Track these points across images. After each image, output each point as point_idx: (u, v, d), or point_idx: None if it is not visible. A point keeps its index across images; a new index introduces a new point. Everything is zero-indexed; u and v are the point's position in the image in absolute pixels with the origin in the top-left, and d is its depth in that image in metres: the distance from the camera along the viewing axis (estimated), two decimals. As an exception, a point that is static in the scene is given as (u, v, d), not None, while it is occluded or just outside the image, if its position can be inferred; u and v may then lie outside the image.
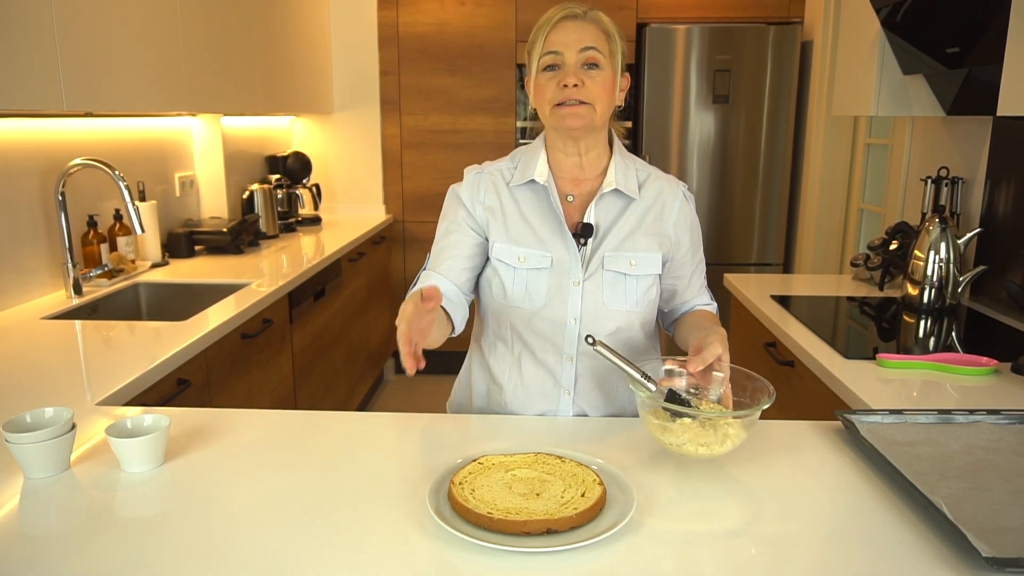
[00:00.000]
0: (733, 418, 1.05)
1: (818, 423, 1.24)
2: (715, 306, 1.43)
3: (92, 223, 2.33)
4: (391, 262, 4.10)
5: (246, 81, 2.87)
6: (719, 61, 3.61)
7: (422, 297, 1.02)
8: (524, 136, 3.96)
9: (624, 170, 1.32)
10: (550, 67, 1.23)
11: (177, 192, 2.91)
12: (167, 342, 1.69)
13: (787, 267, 3.84)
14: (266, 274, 2.51)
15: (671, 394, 1.11)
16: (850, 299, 2.18)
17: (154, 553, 0.85)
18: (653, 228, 1.31)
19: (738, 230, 3.79)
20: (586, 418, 1.29)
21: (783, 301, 2.13)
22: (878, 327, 1.99)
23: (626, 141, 1.39)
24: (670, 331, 1.46)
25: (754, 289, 2.26)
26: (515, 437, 1.18)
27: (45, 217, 2.15)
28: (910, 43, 2.02)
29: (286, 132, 3.97)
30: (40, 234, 2.14)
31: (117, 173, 2.07)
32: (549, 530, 0.87)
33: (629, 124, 3.79)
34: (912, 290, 2.02)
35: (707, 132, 3.69)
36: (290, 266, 2.66)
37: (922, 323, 1.95)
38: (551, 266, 1.28)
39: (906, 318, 2.00)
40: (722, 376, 1.13)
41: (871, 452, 1.09)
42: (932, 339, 1.84)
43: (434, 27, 3.82)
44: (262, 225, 3.21)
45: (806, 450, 1.14)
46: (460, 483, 0.96)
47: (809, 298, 2.17)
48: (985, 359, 1.53)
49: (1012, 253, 1.98)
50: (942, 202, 2.19)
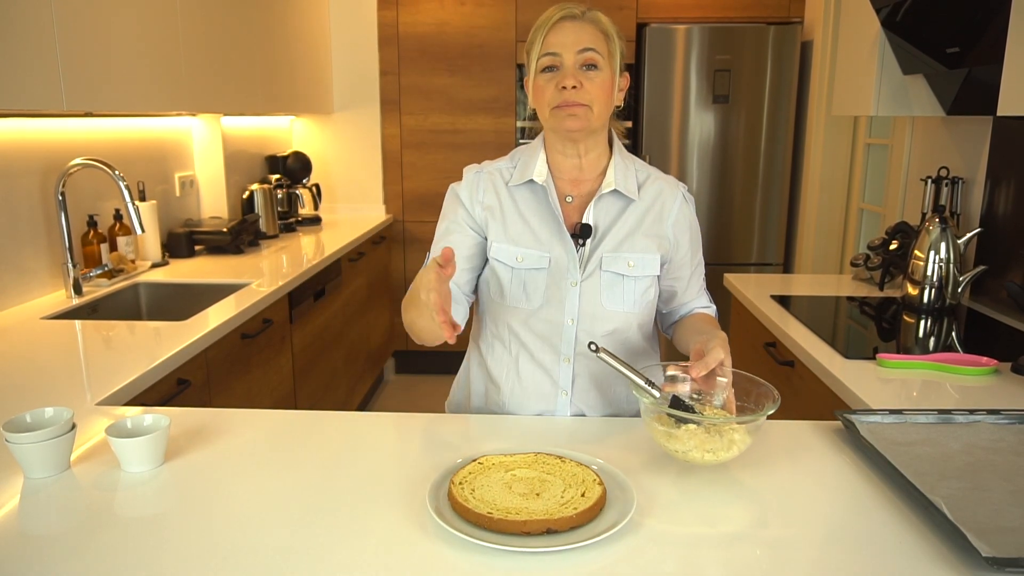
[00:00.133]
0: (738, 424, 1.04)
1: (818, 423, 1.24)
2: (714, 308, 1.43)
3: (92, 223, 2.33)
4: (391, 262, 4.10)
5: (246, 81, 2.87)
6: (719, 61, 3.61)
7: (439, 265, 1.02)
8: (524, 136, 3.96)
9: (624, 171, 1.31)
10: (548, 68, 1.23)
11: (177, 192, 2.91)
12: (167, 342, 1.69)
13: (787, 267, 3.84)
14: (266, 274, 2.51)
15: (675, 400, 1.10)
16: (850, 299, 2.18)
17: (154, 553, 0.85)
18: (652, 229, 1.31)
19: (738, 230, 3.79)
20: (586, 418, 1.29)
21: (783, 301, 2.13)
22: (878, 327, 1.99)
23: (626, 141, 1.38)
24: (669, 334, 1.46)
25: (754, 289, 2.26)
26: (515, 437, 1.18)
27: (45, 217, 2.15)
28: (910, 43, 2.02)
29: (286, 132, 3.97)
30: (40, 234, 2.14)
31: (117, 173, 2.07)
32: (549, 530, 0.87)
33: (629, 124, 3.79)
34: (912, 290, 2.02)
35: (707, 132, 3.69)
36: (290, 266, 2.66)
37: (922, 323, 1.95)
38: (549, 266, 1.28)
39: (906, 318, 2.00)
40: (726, 381, 1.13)
41: (871, 452, 1.09)
42: (932, 339, 1.84)
43: (434, 27, 3.82)
44: (262, 225, 3.21)
45: (806, 450, 1.14)
46: (460, 483, 0.96)
47: (809, 298, 2.17)
48: (985, 359, 1.53)
49: (1012, 253, 1.98)
50: (942, 202, 2.19)
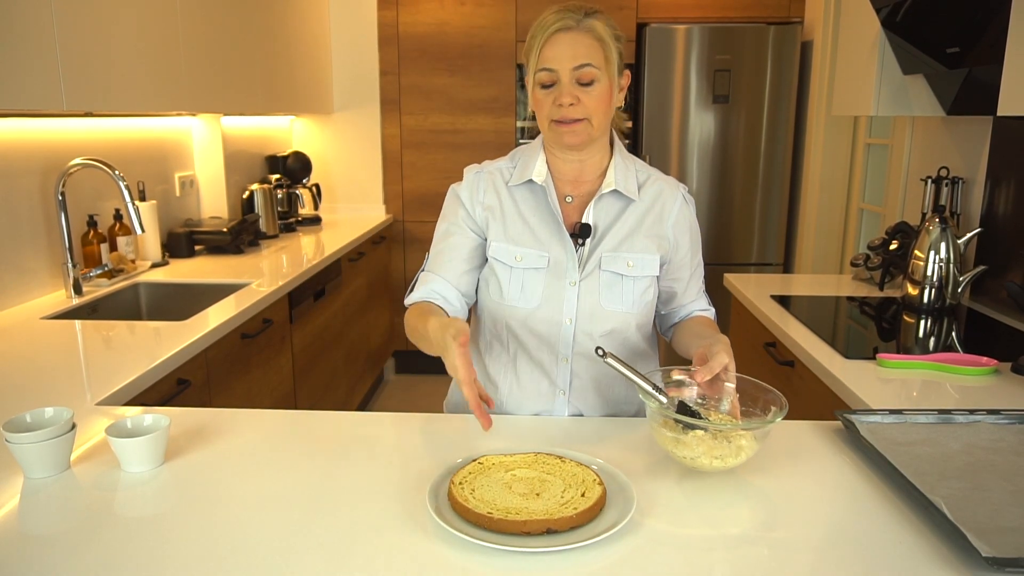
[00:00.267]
0: (746, 430, 1.03)
1: (818, 423, 1.24)
2: (713, 311, 1.42)
3: (92, 223, 2.33)
4: (391, 262, 4.10)
5: (246, 81, 2.87)
6: (719, 61, 3.61)
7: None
8: (524, 136, 3.96)
9: (624, 171, 1.31)
10: (545, 84, 1.23)
11: (177, 192, 2.91)
12: (167, 342, 1.69)
13: (787, 267, 3.84)
14: (266, 274, 2.51)
15: (682, 405, 1.09)
16: (850, 299, 2.18)
17: (154, 553, 0.85)
18: (652, 230, 1.31)
19: (738, 230, 3.79)
20: (585, 418, 1.29)
21: (783, 301, 2.13)
22: (878, 327, 1.99)
23: (626, 141, 1.38)
24: (667, 336, 1.45)
25: (754, 289, 2.26)
26: (515, 437, 1.18)
27: (45, 217, 2.15)
28: (910, 43, 2.02)
29: (286, 132, 3.97)
30: (40, 234, 2.14)
31: (117, 173, 2.07)
32: (549, 530, 0.87)
33: (630, 124, 3.78)
34: (912, 290, 2.02)
35: (707, 132, 3.69)
36: (290, 266, 2.66)
37: (922, 323, 1.95)
38: (547, 266, 1.28)
39: (906, 318, 2.00)
40: (732, 386, 1.12)
41: (871, 452, 1.09)
42: (932, 339, 1.84)
43: (434, 27, 3.82)
44: (262, 225, 3.21)
45: (806, 450, 1.14)
46: (460, 483, 0.96)
47: (809, 298, 2.17)
48: (985, 359, 1.53)
49: (1012, 253, 1.98)
50: (942, 202, 2.19)
